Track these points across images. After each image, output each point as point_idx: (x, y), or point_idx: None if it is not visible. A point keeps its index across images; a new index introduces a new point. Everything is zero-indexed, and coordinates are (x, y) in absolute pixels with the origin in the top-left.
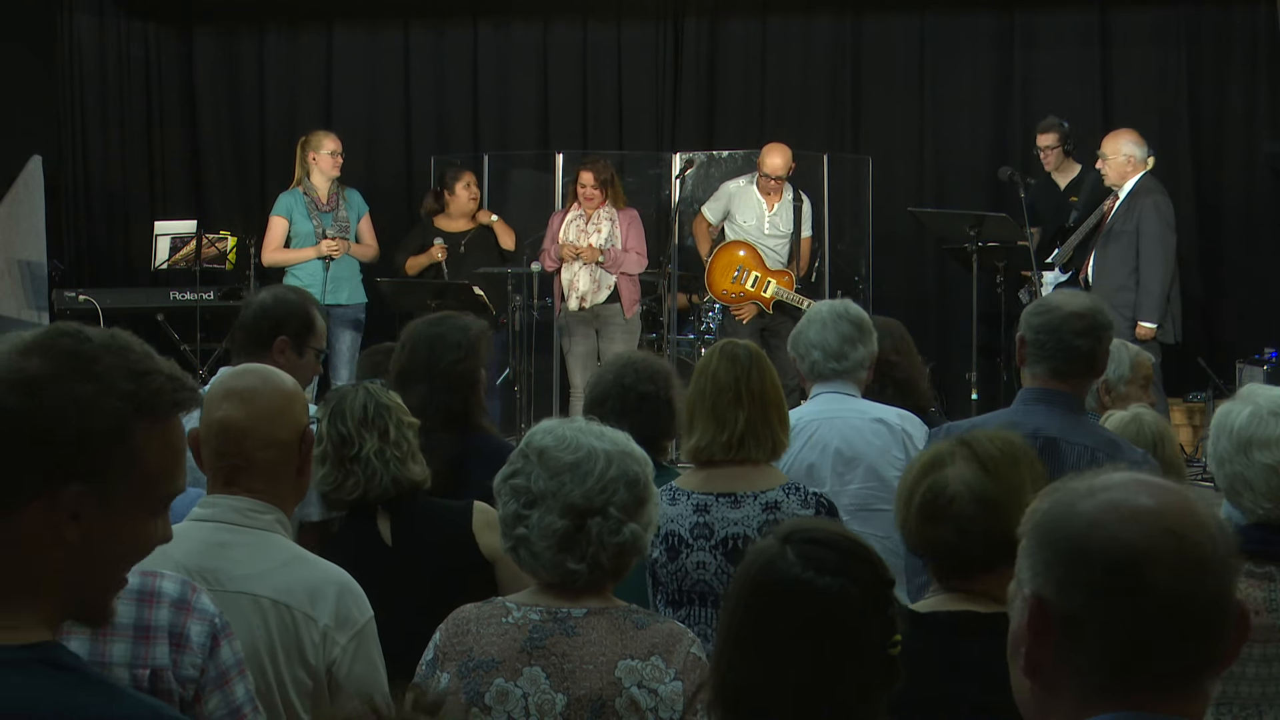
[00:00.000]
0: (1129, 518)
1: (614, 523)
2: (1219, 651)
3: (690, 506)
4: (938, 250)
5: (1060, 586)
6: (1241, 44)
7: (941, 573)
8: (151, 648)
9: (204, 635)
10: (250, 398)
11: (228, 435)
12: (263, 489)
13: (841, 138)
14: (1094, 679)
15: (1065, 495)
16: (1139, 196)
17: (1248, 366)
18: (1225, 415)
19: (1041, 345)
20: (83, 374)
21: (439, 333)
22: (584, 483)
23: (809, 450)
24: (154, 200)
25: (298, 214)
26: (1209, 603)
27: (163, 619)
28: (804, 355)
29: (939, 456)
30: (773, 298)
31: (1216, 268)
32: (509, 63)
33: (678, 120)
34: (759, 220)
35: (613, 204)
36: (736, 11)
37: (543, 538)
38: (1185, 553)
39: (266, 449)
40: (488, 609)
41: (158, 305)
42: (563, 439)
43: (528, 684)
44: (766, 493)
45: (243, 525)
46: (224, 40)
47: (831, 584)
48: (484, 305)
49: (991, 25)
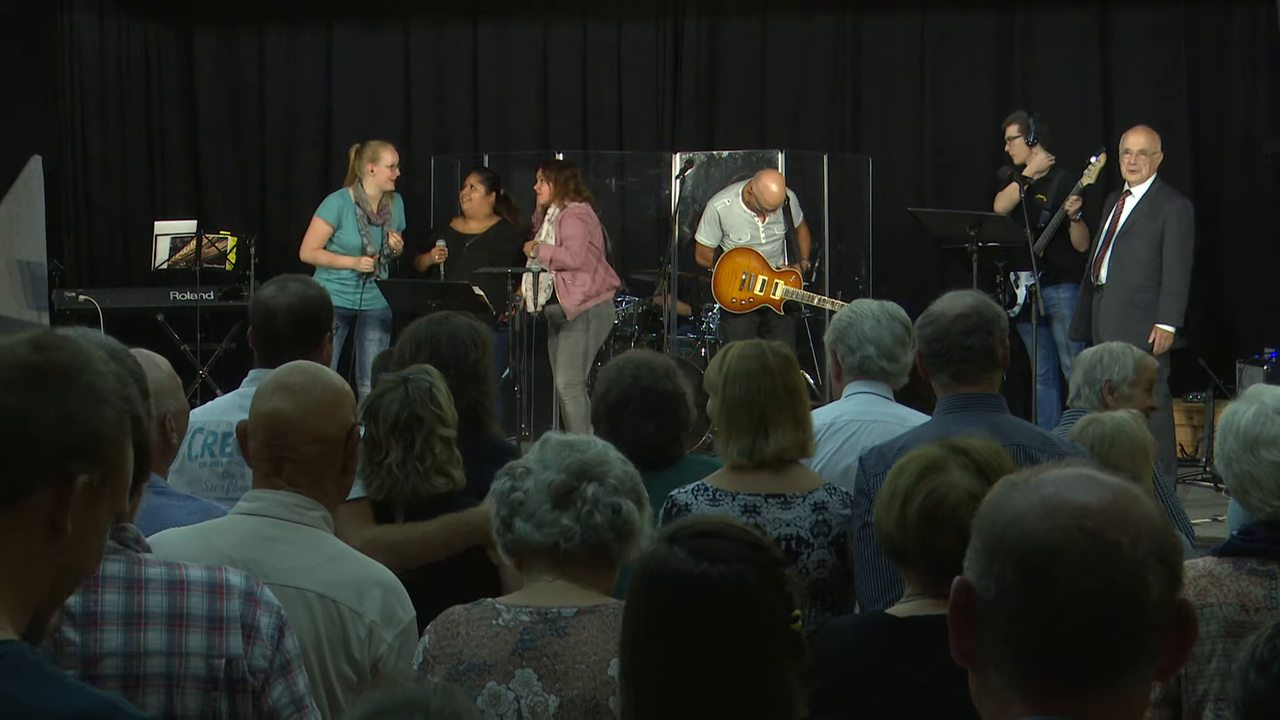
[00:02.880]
0: (1047, 513)
1: (610, 490)
2: (1143, 651)
3: (738, 507)
4: (938, 250)
5: (980, 575)
6: (1241, 44)
7: (934, 580)
8: (226, 638)
9: (273, 627)
10: (299, 392)
11: (275, 427)
12: (307, 484)
13: (841, 138)
14: (1010, 671)
15: (1006, 486)
16: (1162, 198)
17: (1248, 366)
18: (1232, 415)
19: (936, 354)
20: (89, 371)
21: (452, 331)
22: (583, 454)
23: (847, 452)
24: (154, 200)
25: (347, 222)
26: (1119, 601)
27: (234, 610)
28: (855, 349)
29: (935, 462)
30: (783, 298)
31: (1216, 268)
32: (509, 63)
33: (678, 120)
34: (754, 233)
35: (558, 202)
36: (736, 11)
37: (539, 491)
38: (1095, 550)
39: (312, 444)
40: (477, 611)
41: (158, 305)
42: (579, 438)
43: (520, 686)
44: (814, 493)
45: (290, 520)
46: (224, 40)
47: (726, 571)
48: (484, 305)
49: (991, 25)
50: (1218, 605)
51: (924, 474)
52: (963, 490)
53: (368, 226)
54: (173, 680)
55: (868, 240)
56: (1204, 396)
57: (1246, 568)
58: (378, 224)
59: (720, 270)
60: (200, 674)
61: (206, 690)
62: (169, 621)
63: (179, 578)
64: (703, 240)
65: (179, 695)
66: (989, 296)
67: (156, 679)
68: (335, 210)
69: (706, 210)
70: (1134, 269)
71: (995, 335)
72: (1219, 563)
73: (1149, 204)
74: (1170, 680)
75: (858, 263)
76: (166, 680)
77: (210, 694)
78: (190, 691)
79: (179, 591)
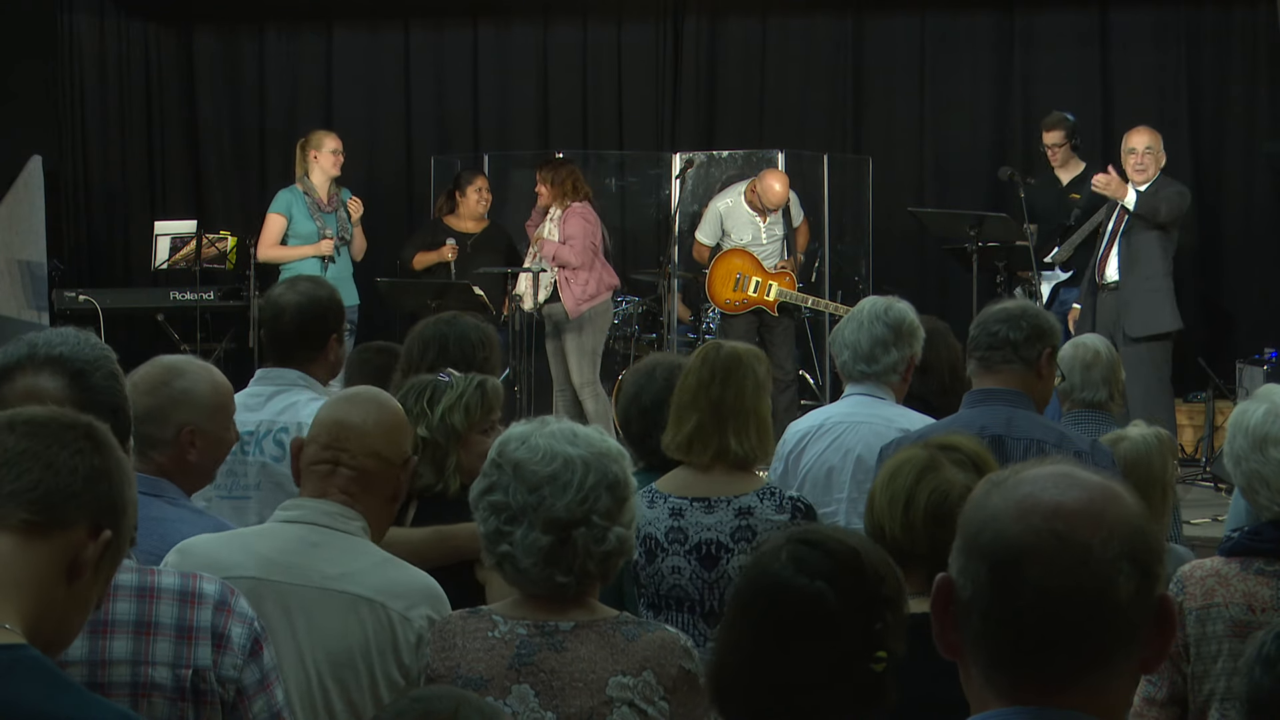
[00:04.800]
0: (1020, 515)
1: (598, 531)
2: (1116, 649)
3: (666, 510)
4: (938, 250)
5: (959, 574)
6: (1241, 44)
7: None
8: (194, 648)
9: (245, 638)
10: (368, 406)
11: (338, 432)
12: (356, 497)
13: (842, 138)
14: (985, 666)
15: (987, 486)
16: (1160, 187)
17: (1248, 366)
18: (1242, 414)
19: (971, 342)
20: (124, 454)
21: (460, 331)
22: (565, 494)
23: (832, 453)
24: (154, 200)
25: (298, 213)
26: (1088, 602)
27: (205, 619)
28: (837, 353)
29: (929, 462)
30: (776, 300)
31: (1216, 267)
32: (509, 63)
33: (678, 120)
34: (755, 233)
35: (559, 202)
36: (736, 11)
37: (528, 554)
38: (1065, 552)
39: (370, 457)
40: (474, 621)
41: (158, 305)
42: (537, 449)
43: (517, 702)
44: (740, 498)
45: (332, 528)
46: (224, 40)
47: (809, 587)
48: (484, 305)
49: (991, 25)
50: (1224, 605)
51: (921, 475)
52: (962, 486)
53: (319, 214)
54: (138, 689)
55: (868, 240)
56: (1204, 396)
57: (1254, 568)
58: (329, 211)
59: (714, 271)
60: (166, 683)
61: (173, 701)
62: (136, 630)
63: (149, 584)
64: (702, 239)
65: (145, 705)
66: (1045, 310)
67: (121, 688)
68: (285, 203)
69: (708, 209)
70: (1147, 261)
71: (1025, 333)
72: (1226, 563)
73: (1149, 199)
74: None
75: (858, 263)
76: (132, 689)
77: (177, 704)
78: (156, 701)
79: (148, 599)
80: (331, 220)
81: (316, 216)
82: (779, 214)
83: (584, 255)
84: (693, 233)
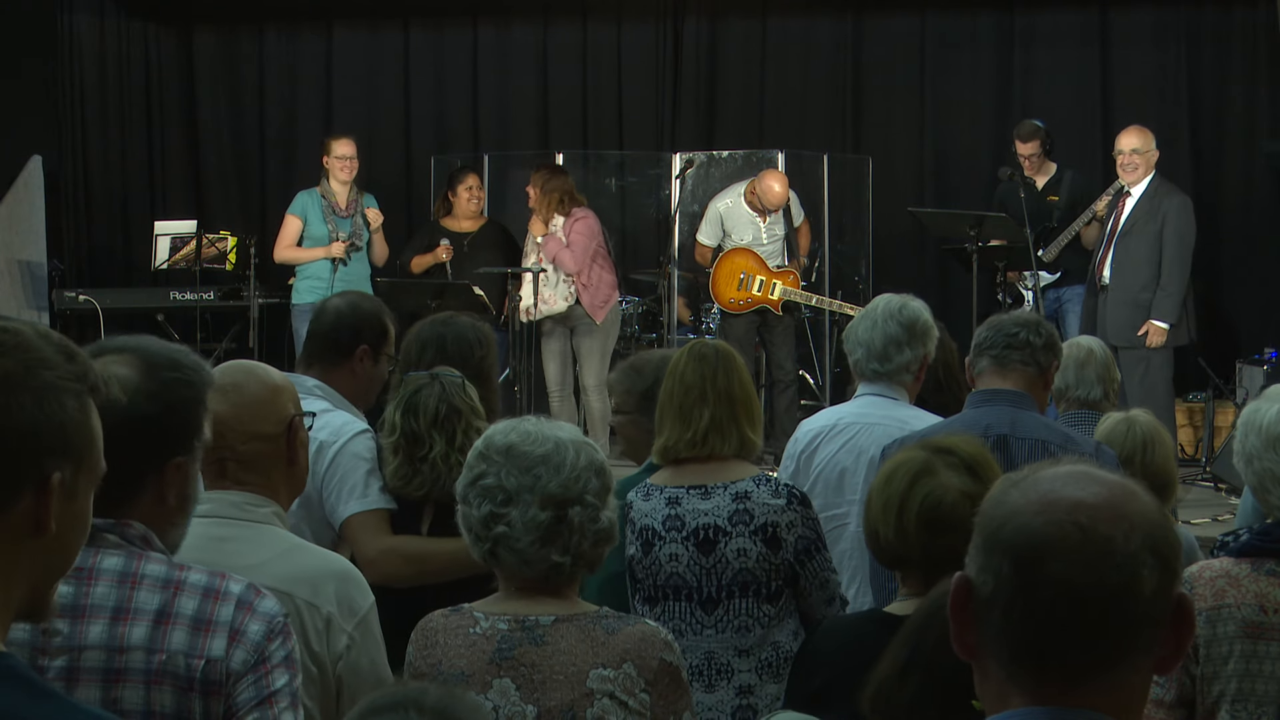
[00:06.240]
0: (1042, 509)
1: (592, 510)
2: (1137, 644)
3: (663, 500)
4: (938, 250)
5: (979, 571)
6: (1241, 44)
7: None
8: (210, 640)
9: (260, 634)
10: (232, 391)
11: (214, 429)
12: (254, 482)
13: (842, 138)
14: (1007, 663)
15: (1006, 484)
16: (1162, 196)
17: (1248, 366)
18: (1254, 413)
19: (983, 342)
20: (40, 363)
21: (457, 331)
22: (559, 473)
23: (845, 454)
24: (154, 200)
25: (313, 215)
26: (1112, 595)
27: (225, 615)
28: (850, 351)
29: (924, 465)
30: (781, 299)
31: (1216, 267)
32: (509, 63)
33: (678, 120)
34: (756, 233)
35: (549, 212)
36: (736, 11)
37: (527, 532)
38: (1089, 545)
39: (250, 441)
40: (455, 619)
41: (158, 305)
42: (527, 434)
43: (498, 696)
44: (736, 483)
45: (240, 519)
46: (224, 40)
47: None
48: (484, 305)
49: (991, 25)
50: (1235, 606)
51: (916, 479)
52: (957, 490)
53: (333, 218)
54: (151, 676)
55: (868, 240)
56: (1204, 396)
57: (1265, 568)
58: (345, 217)
59: (718, 270)
60: (179, 672)
61: (184, 690)
62: (156, 619)
63: (177, 578)
64: (703, 240)
65: (157, 692)
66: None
67: (136, 674)
68: (301, 205)
69: (708, 210)
70: (1136, 268)
71: (1043, 338)
72: (1236, 563)
73: (1148, 202)
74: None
75: (858, 263)
76: (145, 676)
77: (186, 694)
78: (167, 689)
79: (174, 591)
80: (346, 225)
81: (330, 220)
82: (779, 214)
83: (581, 262)
84: (693, 234)
